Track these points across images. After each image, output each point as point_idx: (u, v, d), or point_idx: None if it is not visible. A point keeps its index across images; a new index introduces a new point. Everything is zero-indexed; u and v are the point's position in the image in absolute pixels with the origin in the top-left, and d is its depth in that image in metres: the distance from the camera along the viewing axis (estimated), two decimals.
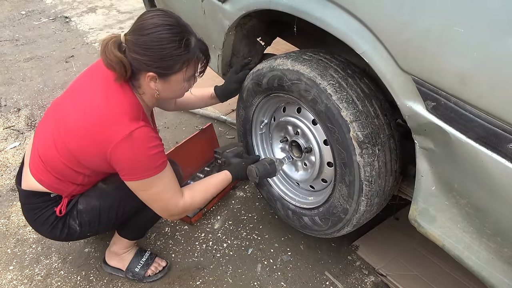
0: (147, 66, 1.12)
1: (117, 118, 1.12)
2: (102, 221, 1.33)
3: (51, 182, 1.25)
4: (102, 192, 1.32)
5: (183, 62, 1.14)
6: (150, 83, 1.16)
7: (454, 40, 0.83)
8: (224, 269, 1.62)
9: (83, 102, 1.18)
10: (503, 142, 0.82)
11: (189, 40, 1.13)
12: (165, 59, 1.11)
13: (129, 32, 1.13)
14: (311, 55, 1.29)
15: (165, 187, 1.23)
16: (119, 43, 1.12)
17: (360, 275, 1.58)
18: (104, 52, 1.11)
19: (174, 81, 1.18)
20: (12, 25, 3.99)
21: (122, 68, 1.11)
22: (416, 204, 1.11)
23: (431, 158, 1.02)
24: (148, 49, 1.09)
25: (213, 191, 1.39)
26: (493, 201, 0.90)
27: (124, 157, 1.14)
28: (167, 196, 1.24)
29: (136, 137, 1.12)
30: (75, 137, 1.16)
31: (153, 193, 1.22)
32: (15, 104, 2.72)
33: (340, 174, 1.27)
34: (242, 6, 1.40)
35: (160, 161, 1.18)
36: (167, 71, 1.13)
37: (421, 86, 0.93)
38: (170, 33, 1.10)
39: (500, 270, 0.97)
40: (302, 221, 1.52)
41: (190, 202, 1.30)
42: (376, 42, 0.99)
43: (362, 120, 1.15)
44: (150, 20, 1.10)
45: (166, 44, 1.09)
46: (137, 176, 1.17)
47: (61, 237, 1.32)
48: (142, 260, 1.57)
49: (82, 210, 1.30)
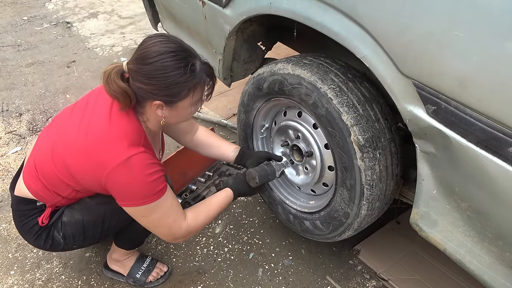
0: (153, 95, 1.09)
1: (116, 141, 1.10)
2: (87, 235, 1.30)
3: (38, 189, 1.23)
4: (86, 206, 1.28)
5: (189, 88, 1.10)
6: (157, 111, 1.13)
7: (454, 44, 0.83)
8: (225, 273, 1.61)
9: (88, 120, 1.16)
10: (504, 146, 0.82)
11: (194, 65, 1.09)
12: (170, 87, 1.07)
13: (132, 60, 1.09)
14: (312, 60, 1.29)
15: (166, 213, 1.19)
16: (122, 72, 1.09)
17: (361, 280, 1.58)
18: (107, 82, 1.08)
19: (181, 107, 1.14)
20: (14, 30, 4.01)
21: (127, 98, 1.09)
22: (418, 208, 1.11)
23: (432, 162, 1.02)
24: (152, 78, 1.05)
25: (216, 210, 1.35)
26: (494, 205, 0.90)
27: (121, 182, 1.11)
28: (169, 221, 1.21)
29: (134, 163, 1.09)
30: (73, 152, 1.15)
31: (154, 219, 1.19)
32: (17, 109, 2.73)
33: (341, 178, 1.27)
34: (243, 11, 1.41)
35: (159, 187, 1.14)
36: (173, 98, 1.10)
37: (422, 90, 0.93)
38: (175, 60, 1.05)
39: (502, 274, 0.97)
40: (303, 225, 1.52)
41: (194, 224, 1.27)
42: (376, 47, 0.99)
43: (363, 124, 1.16)
44: (152, 48, 1.05)
45: (171, 71, 1.05)
46: (134, 202, 1.14)
47: (46, 247, 1.30)
48: (143, 266, 1.57)
49: (66, 222, 1.28)
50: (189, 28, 1.88)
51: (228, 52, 1.64)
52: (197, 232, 1.57)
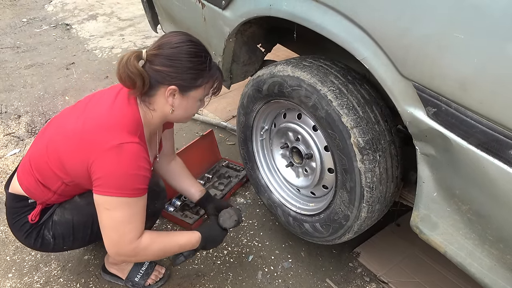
0: (171, 79, 1.13)
1: (112, 126, 1.11)
2: (77, 236, 1.29)
3: (29, 185, 1.23)
4: (76, 206, 1.28)
5: (204, 77, 1.18)
6: (169, 98, 1.16)
7: (454, 46, 0.83)
8: (224, 276, 1.61)
9: (87, 115, 1.18)
10: (505, 148, 0.81)
11: (211, 59, 1.20)
12: (190, 71, 1.14)
13: (153, 48, 1.15)
14: (312, 62, 1.29)
15: (129, 217, 1.13)
16: (140, 58, 1.13)
17: (361, 282, 1.57)
18: (125, 65, 1.09)
19: (192, 98, 1.20)
20: (13, 32, 4.01)
21: (142, 82, 1.11)
22: (418, 211, 1.11)
23: (432, 164, 1.02)
24: (176, 60, 1.12)
25: (174, 247, 1.28)
26: (495, 207, 0.90)
27: (106, 166, 1.09)
28: (125, 229, 1.14)
29: (125, 150, 1.09)
30: (68, 139, 1.15)
31: (114, 217, 1.12)
32: (16, 111, 2.72)
33: (341, 180, 1.27)
34: (242, 13, 1.41)
35: (139, 185, 1.12)
36: (189, 84, 1.16)
37: (422, 92, 0.93)
38: (197, 49, 1.15)
39: (503, 277, 0.96)
40: (303, 228, 1.52)
41: (144, 247, 1.18)
42: (376, 49, 0.99)
43: (363, 126, 1.15)
44: (176, 37, 1.14)
45: (194, 58, 1.14)
46: (109, 190, 1.10)
47: (36, 246, 1.29)
48: (142, 270, 1.56)
49: (56, 221, 1.27)
50: (188, 30, 1.88)
51: (228, 54, 1.64)
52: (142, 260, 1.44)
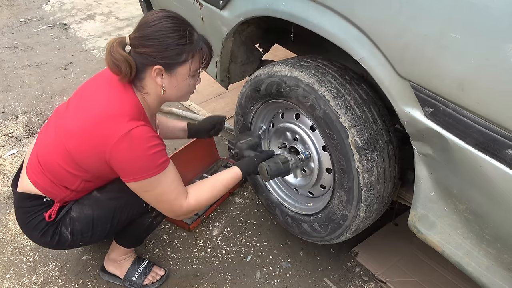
0: (153, 58, 1.12)
1: (115, 116, 1.12)
2: (95, 231, 1.30)
3: (46, 185, 1.23)
4: (96, 201, 1.28)
5: (188, 52, 1.15)
6: (157, 79, 1.16)
7: (451, 46, 0.83)
8: (223, 276, 1.61)
9: (84, 106, 1.18)
10: (502, 148, 0.82)
11: (192, 32, 1.16)
12: (170, 48, 1.12)
13: (134, 31, 1.15)
14: (309, 62, 1.29)
15: (168, 188, 1.19)
16: (124, 44, 1.15)
17: (359, 282, 1.57)
18: (109, 52, 1.12)
19: (180, 74, 1.18)
20: (11, 32, 4.00)
21: (128, 67, 1.12)
22: (415, 210, 1.11)
23: (429, 164, 1.02)
24: (153, 39, 1.11)
25: (220, 190, 1.32)
26: (492, 207, 0.90)
27: (123, 156, 1.11)
28: (170, 197, 1.21)
29: (134, 136, 1.10)
30: (73, 137, 1.15)
31: (156, 193, 1.19)
32: (13, 111, 2.72)
33: (339, 180, 1.27)
34: (240, 13, 1.41)
35: (160, 160, 1.15)
36: (173, 61, 1.14)
37: (419, 92, 0.93)
38: (174, 23, 1.13)
39: (500, 277, 0.97)
40: (301, 228, 1.52)
41: (195, 203, 1.26)
42: (374, 49, 0.99)
43: (361, 126, 1.15)
44: (154, 15, 1.13)
45: (171, 33, 1.12)
46: (137, 176, 1.14)
47: (52, 244, 1.29)
48: (139, 269, 1.56)
49: (75, 218, 1.27)
50: None
51: (226, 54, 1.64)
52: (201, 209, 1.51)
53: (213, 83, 2.84)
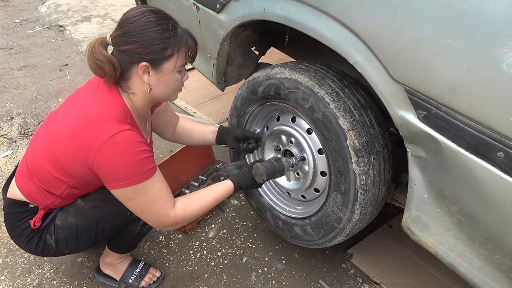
0: (138, 55, 1.08)
1: (99, 120, 1.08)
2: (80, 239, 1.27)
3: (30, 191, 1.22)
4: (80, 209, 1.26)
5: (173, 46, 1.10)
6: (143, 76, 1.11)
7: (444, 51, 0.85)
8: (218, 278, 1.61)
9: (72, 111, 1.16)
10: (492, 151, 0.84)
11: (175, 25, 1.12)
12: (154, 42, 1.07)
13: (115, 29, 1.11)
14: (309, 65, 1.31)
15: (154, 197, 1.14)
16: (106, 44, 1.11)
17: (354, 283, 1.59)
18: (92, 54, 1.08)
19: (167, 70, 1.13)
20: (6, 33, 3.98)
21: (111, 68, 1.08)
22: (409, 212, 1.13)
23: (423, 166, 1.04)
24: (136, 35, 1.07)
25: (210, 202, 1.28)
26: (484, 209, 0.92)
27: (106, 161, 1.07)
28: (156, 207, 1.16)
29: (119, 140, 1.06)
30: (59, 142, 1.13)
31: (141, 202, 1.14)
32: (8, 113, 2.70)
33: (335, 183, 1.28)
34: (236, 16, 1.42)
35: (147, 167, 1.10)
36: (158, 56, 1.09)
37: (412, 95, 0.95)
38: (157, 17, 1.09)
39: (491, 277, 0.98)
40: (293, 231, 1.51)
41: (183, 214, 1.21)
42: (368, 53, 1.01)
43: (359, 129, 1.17)
44: (135, 11, 1.09)
45: (154, 27, 1.07)
46: (121, 183, 1.09)
47: (37, 251, 1.28)
48: (136, 271, 1.56)
49: (59, 226, 1.25)
50: None
51: (222, 57, 1.65)
52: (187, 222, 1.46)
53: (209, 85, 2.85)
